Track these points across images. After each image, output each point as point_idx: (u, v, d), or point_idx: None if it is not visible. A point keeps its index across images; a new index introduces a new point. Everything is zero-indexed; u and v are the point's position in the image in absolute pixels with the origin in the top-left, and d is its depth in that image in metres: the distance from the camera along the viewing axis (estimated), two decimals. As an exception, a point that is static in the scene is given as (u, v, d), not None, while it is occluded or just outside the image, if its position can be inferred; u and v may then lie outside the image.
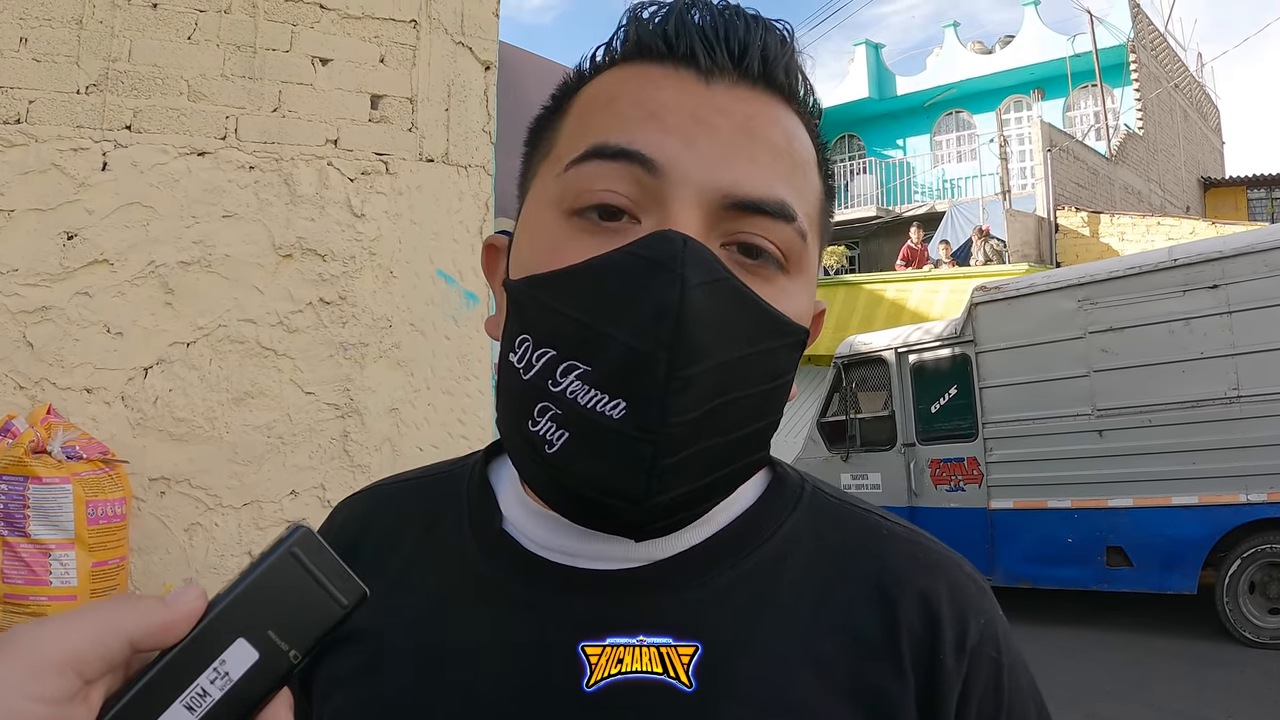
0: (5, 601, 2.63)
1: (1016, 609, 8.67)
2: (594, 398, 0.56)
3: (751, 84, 0.63)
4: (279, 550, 0.47)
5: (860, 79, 24.23)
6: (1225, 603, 7.19)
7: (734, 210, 0.60)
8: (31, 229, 2.87)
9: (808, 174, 0.66)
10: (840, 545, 0.68)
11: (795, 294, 0.63)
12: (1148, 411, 7.50)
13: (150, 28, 3.04)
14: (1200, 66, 24.29)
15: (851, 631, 0.63)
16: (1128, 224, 15.12)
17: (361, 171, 3.25)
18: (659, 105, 0.61)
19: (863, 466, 9.88)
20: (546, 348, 0.58)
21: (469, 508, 0.71)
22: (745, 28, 0.63)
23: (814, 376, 14.89)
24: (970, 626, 0.65)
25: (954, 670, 0.63)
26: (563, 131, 0.66)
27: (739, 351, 0.58)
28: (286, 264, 3.13)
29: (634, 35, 0.64)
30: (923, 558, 0.68)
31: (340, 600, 0.48)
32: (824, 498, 0.72)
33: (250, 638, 0.46)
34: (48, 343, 2.87)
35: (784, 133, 0.64)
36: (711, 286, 0.56)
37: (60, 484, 2.66)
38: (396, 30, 3.34)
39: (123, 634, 0.43)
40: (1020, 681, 0.67)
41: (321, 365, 3.16)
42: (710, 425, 0.57)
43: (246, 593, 0.46)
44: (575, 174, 0.61)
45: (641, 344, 0.54)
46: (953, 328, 9.26)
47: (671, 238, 0.56)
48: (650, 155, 0.59)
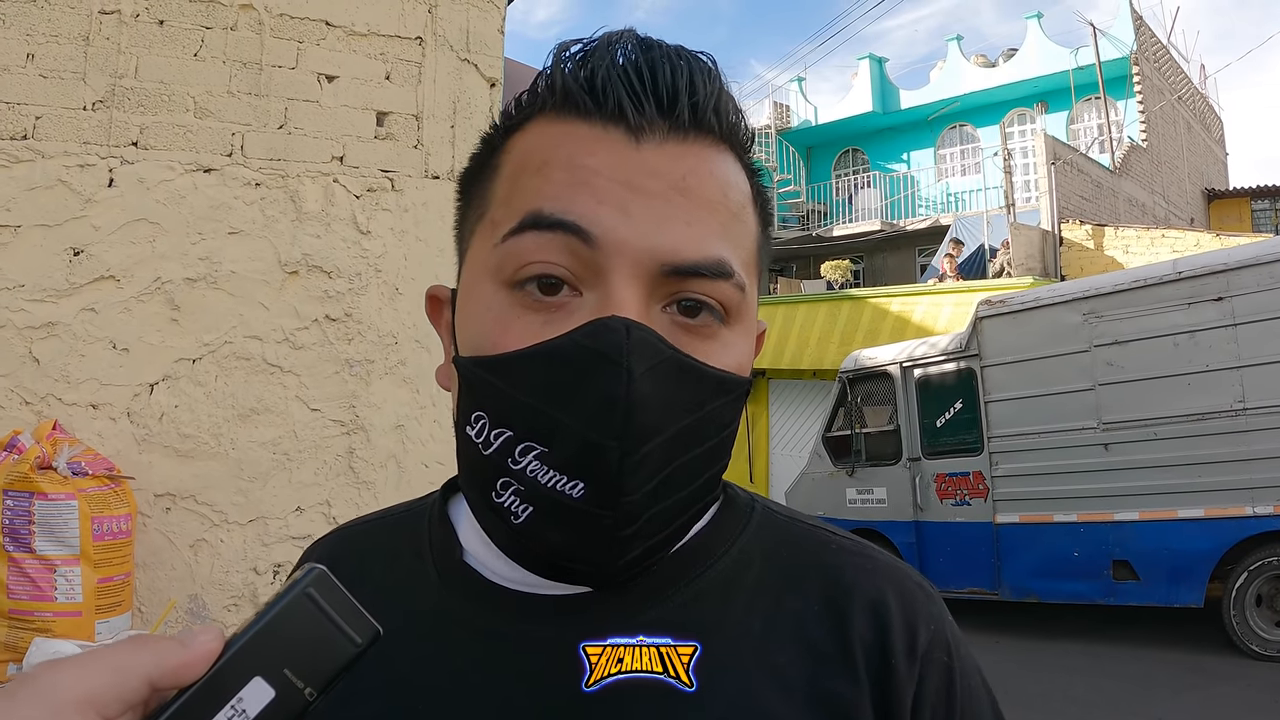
0: (10, 617, 2.63)
1: (1022, 623, 8.66)
2: (553, 478, 0.58)
3: (682, 135, 0.63)
4: (294, 591, 0.48)
5: (864, 93, 24.28)
6: (1232, 615, 7.16)
7: (672, 275, 0.61)
8: (38, 245, 2.88)
9: (744, 218, 0.66)
10: (790, 560, 0.70)
11: (735, 343, 0.65)
12: (1153, 425, 7.48)
13: (157, 45, 3.05)
14: (1203, 78, 24.32)
15: (806, 642, 0.65)
16: (1132, 237, 15.11)
17: (367, 188, 3.26)
18: (590, 172, 0.61)
19: (868, 481, 9.87)
20: (503, 428, 0.60)
21: (430, 543, 0.73)
22: (671, 71, 0.62)
23: (819, 391, 14.88)
24: (920, 632, 0.67)
25: (906, 675, 0.65)
26: (496, 193, 0.66)
27: (686, 420, 0.60)
28: (292, 281, 3.14)
29: (560, 85, 0.63)
30: (870, 569, 0.70)
31: (354, 639, 0.49)
32: (773, 515, 0.74)
33: (267, 676, 0.46)
34: (54, 358, 2.88)
35: (718, 183, 0.64)
36: (655, 369, 0.58)
37: (66, 500, 2.66)
38: (402, 47, 3.35)
39: (140, 674, 0.44)
40: (972, 684, 0.69)
41: (327, 382, 3.17)
42: (664, 490, 0.60)
43: (263, 632, 0.47)
44: (513, 245, 0.61)
45: (593, 434, 0.57)
46: (958, 342, 9.27)
47: (614, 327, 0.57)
48: (585, 227, 0.59)
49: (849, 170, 25.59)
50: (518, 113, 0.67)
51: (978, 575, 8.80)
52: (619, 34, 0.65)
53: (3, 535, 2.63)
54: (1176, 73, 21.98)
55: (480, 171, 0.70)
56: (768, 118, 25.46)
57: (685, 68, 0.63)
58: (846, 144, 25.73)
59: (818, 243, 23.25)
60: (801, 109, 25.68)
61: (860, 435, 10.07)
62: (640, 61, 0.62)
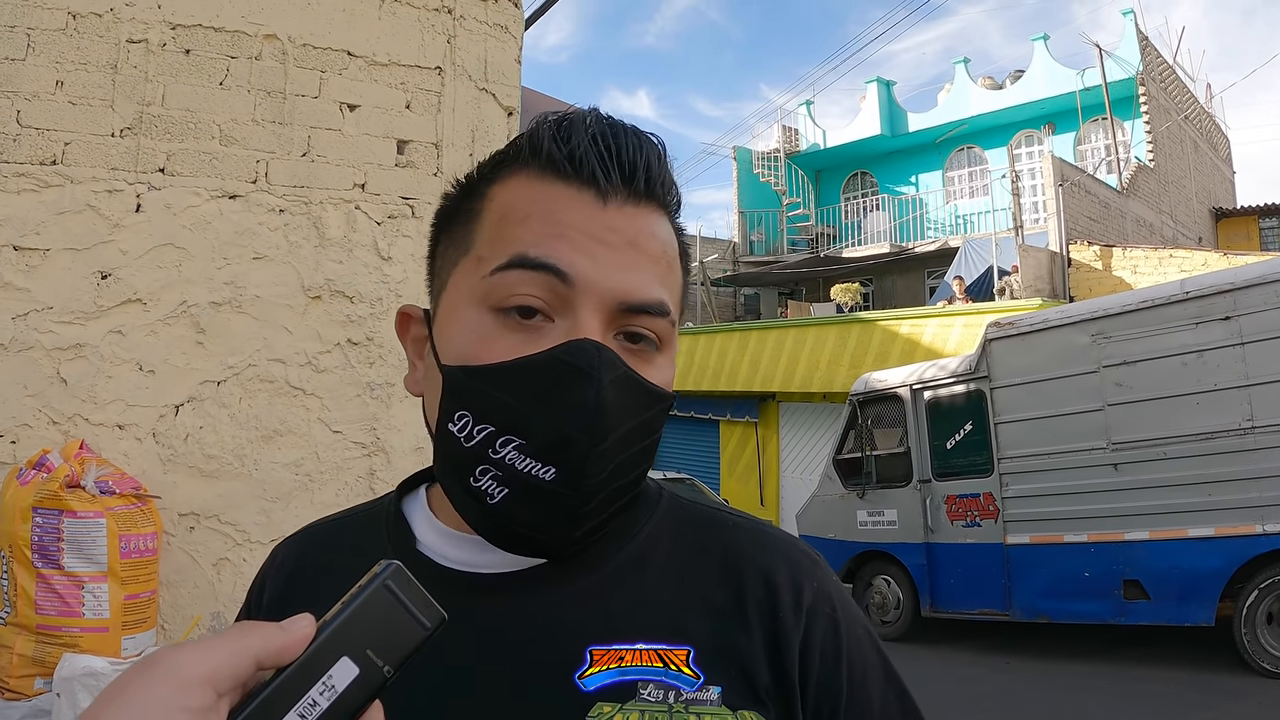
0: (38, 632, 2.68)
1: (1034, 644, 8.64)
2: (529, 465, 0.72)
3: (636, 201, 0.78)
4: (375, 583, 0.57)
5: (872, 116, 24.37)
6: (1243, 634, 7.13)
7: (626, 311, 0.76)
8: (66, 268, 2.95)
9: (674, 268, 0.82)
10: (693, 538, 0.85)
11: (665, 366, 0.81)
12: (1162, 444, 7.49)
13: (183, 73, 3.13)
14: (1209, 97, 24.35)
15: (708, 605, 0.79)
16: (1140, 257, 15.12)
17: (388, 215, 3.33)
18: (566, 226, 0.75)
19: (879, 503, 9.87)
20: (486, 424, 0.74)
21: (389, 535, 0.86)
22: (632, 149, 0.78)
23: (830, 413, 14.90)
24: (805, 590, 0.81)
25: (793, 626, 0.78)
26: (480, 234, 0.79)
27: (633, 423, 0.75)
28: (315, 305, 3.21)
29: (545, 150, 0.77)
30: (762, 542, 0.85)
31: (424, 623, 0.57)
32: (679, 501, 0.89)
33: (352, 656, 0.54)
34: (81, 379, 2.94)
35: (660, 241, 0.80)
36: (615, 380, 0.73)
37: (94, 518, 2.72)
38: (422, 77, 3.43)
39: (250, 655, 0.52)
40: (857, 632, 0.83)
41: (349, 404, 3.23)
42: (613, 476, 0.75)
43: (350, 619, 0.55)
44: (500, 279, 0.75)
45: (567, 429, 0.71)
46: (967, 364, 9.29)
47: (587, 348, 0.72)
48: (564, 269, 0.74)
49: (857, 193, 25.66)
50: (496, 168, 0.82)
51: (989, 596, 8.79)
52: (588, 112, 0.80)
53: (32, 552, 2.68)
54: (1183, 92, 22.02)
55: (458, 213, 0.84)
56: (776, 141, 25.59)
57: (643, 148, 0.79)
58: (855, 167, 25.81)
59: (827, 265, 23.30)
60: (810, 132, 25.80)
61: (871, 457, 10.08)
62: (609, 138, 0.77)
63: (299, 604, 0.79)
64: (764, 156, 25.44)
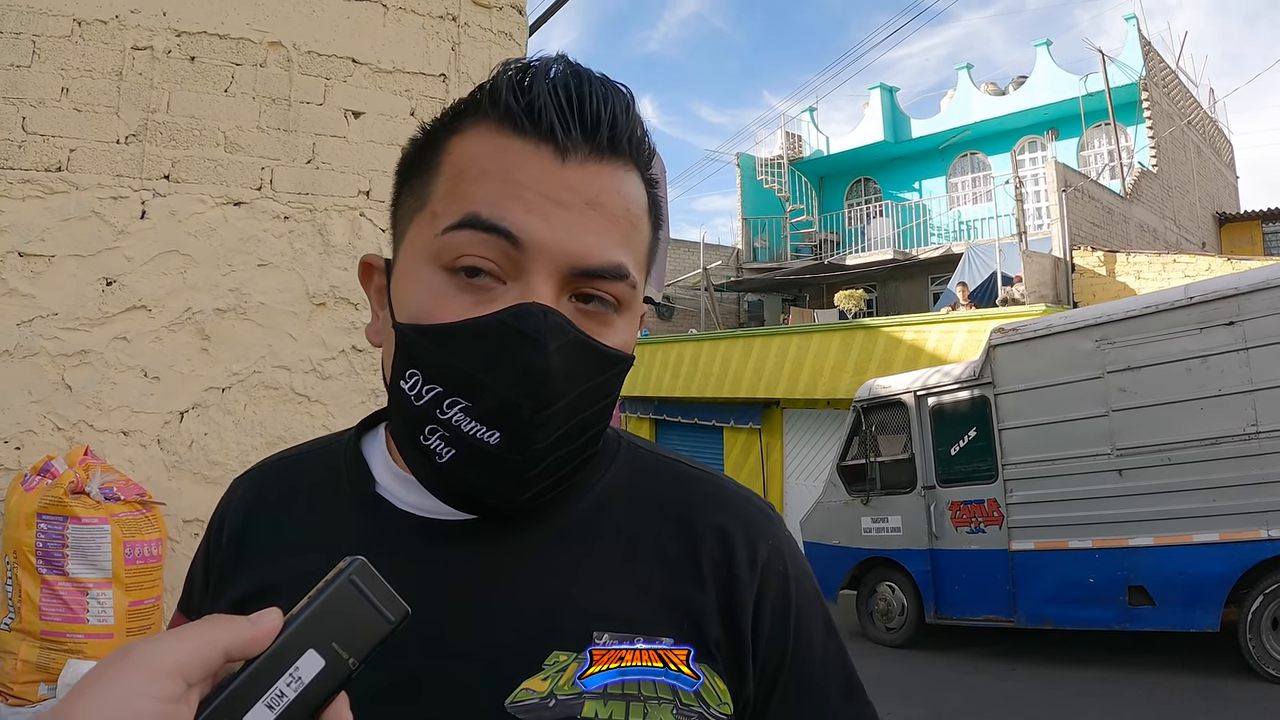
0: (43, 638, 2.68)
1: (1038, 650, 8.62)
2: (474, 428, 0.72)
3: (599, 158, 0.75)
4: (340, 577, 0.58)
5: (875, 123, 24.37)
6: (1248, 640, 7.11)
7: (580, 275, 0.74)
8: (71, 274, 2.95)
9: (640, 227, 0.79)
10: (649, 490, 0.85)
11: (623, 328, 0.78)
12: (1167, 450, 7.48)
13: (188, 80, 3.14)
14: (1212, 102, 24.34)
15: (662, 558, 0.80)
16: (1144, 262, 15.10)
17: (392, 221, 3.33)
18: (521, 185, 0.73)
19: (883, 509, 9.86)
20: (434, 384, 0.73)
21: (347, 476, 0.86)
22: (596, 100, 0.74)
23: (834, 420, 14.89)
24: (760, 547, 0.82)
25: (748, 582, 0.80)
26: (436, 189, 0.77)
27: (583, 387, 0.74)
28: (320, 312, 3.21)
29: (503, 102, 0.74)
30: (718, 496, 0.85)
31: (388, 617, 0.59)
32: (638, 451, 0.89)
33: (318, 648, 0.56)
34: (86, 385, 2.94)
35: (623, 200, 0.76)
36: (563, 346, 0.71)
37: (99, 524, 2.72)
38: (426, 84, 3.44)
39: (220, 646, 0.53)
40: (806, 588, 0.85)
41: (354, 411, 3.23)
42: (561, 440, 0.74)
43: (316, 612, 0.57)
44: (451, 239, 0.73)
45: (512, 394, 0.70)
46: (971, 370, 9.28)
47: (535, 312, 0.71)
48: (515, 232, 0.71)
49: (861, 199, 25.67)
50: (456, 118, 0.78)
51: (993, 603, 8.77)
52: (554, 59, 0.76)
53: (37, 558, 2.69)
54: (1186, 97, 22.02)
55: (419, 164, 0.81)
56: (780, 148, 25.59)
57: (609, 99, 0.75)
58: (858, 173, 25.81)
59: (830, 272, 23.30)
60: (813, 139, 25.81)
61: (875, 464, 10.06)
62: (571, 89, 0.74)
63: (257, 540, 0.86)
64: (767, 163, 25.44)
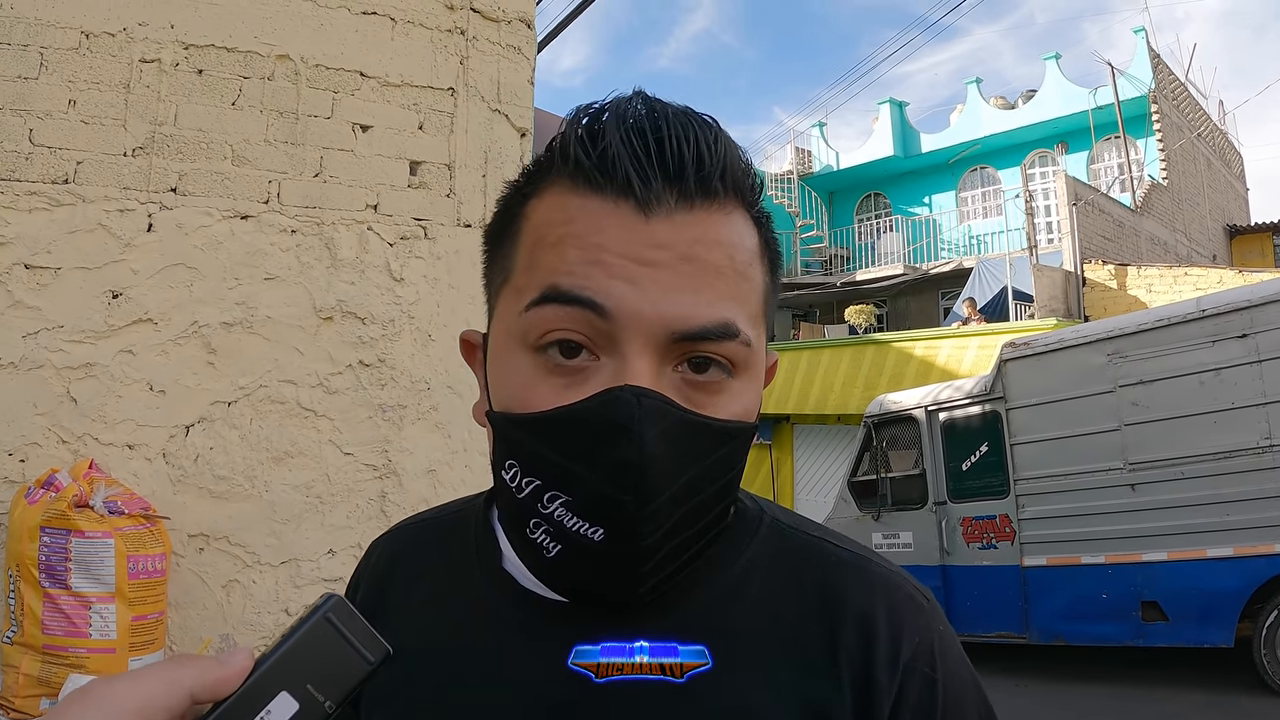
0: (45, 652, 2.66)
1: (1051, 667, 8.54)
2: (577, 524, 0.65)
3: (689, 205, 0.66)
4: (315, 615, 0.55)
5: (885, 137, 24.38)
6: (1263, 655, 7.04)
7: (682, 341, 0.66)
8: (78, 287, 2.94)
9: (750, 275, 0.70)
10: (792, 570, 0.75)
11: (742, 392, 0.70)
12: (1180, 464, 7.42)
13: (196, 93, 3.14)
14: (1222, 114, 24.28)
15: (800, 649, 0.71)
16: (1155, 275, 15.06)
17: (400, 236, 3.32)
18: (602, 249, 0.65)
19: (894, 526, 9.80)
20: (533, 477, 0.67)
21: (475, 549, 0.81)
22: (677, 141, 0.66)
23: (844, 436, 14.83)
24: (904, 644, 0.71)
25: (886, 686, 0.69)
26: (518, 259, 0.71)
27: (695, 470, 0.66)
28: (327, 326, 3.20)
29: (573, 158, 0.67)
30: (865, 580, 0.75)
31: (368, 658, 0.56)
32: (780, 527, 0.79)
33: (292, 690, 0.53)
34: (91, 399, 2.93)
35: (724, 248, 0.68)
36: (665, 432, 0.64)
37: (102, 538, 2.70)
38: (434, 98, 3.43)
39: (184, 687, 0.50)
40: (956, 692, 0.72)
41: (360, 426, 3.21)
42: (676, 529, 0.66)
43: (289, 652, 0.54)
44: (535, 316, 0.66)
45: (609, 490, 0.63)
46: (982, 384, 9.23)
47: (625, 399, 0.63)
48: (600, 301, 0.64)
49: (871, 214, 25.64)
50: (533, 179, 0.72)
51: (1006, 619, 8.70)
52: (627, 98, 0.69)
53: (39, 571, 2.67)
54: (1195, 110, 21.98)
55: (503, 232, 0.75)
56: (789, 163, 25.60)
57: (691, 137, 0.66)
58: (868, 188, 25.80)
59: (841, 288, 23.27)
60: (823, 154, 25.82)
61: (886, 480, 10.01)
62: (647, 132, 0.66)
63: (389, 608, 0.82)
64: (777, 178, 25.44)
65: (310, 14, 3.30)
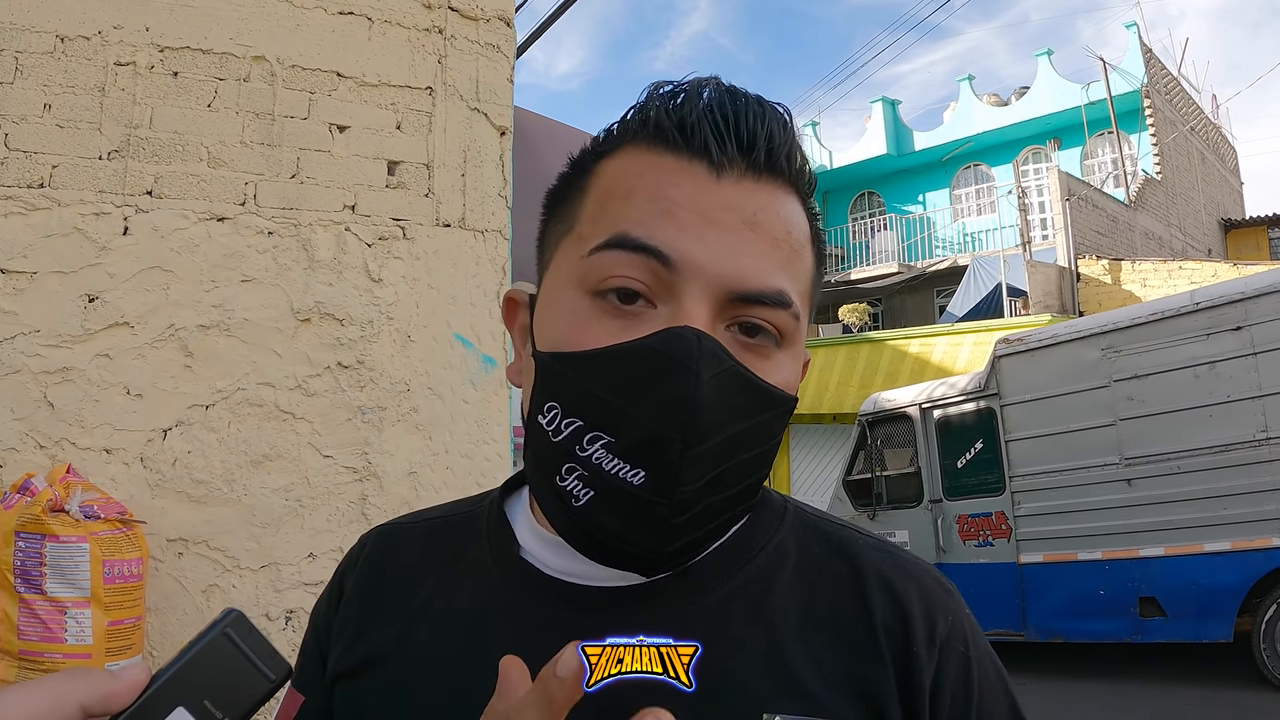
0: (20, 658, 2.64)
1: (1050, 665, 8.52)
2: (617, 466, 0.64)
3: (756, 176, 0.70)
4: (214, 630, 0.55)
5: (879, 136, 24.40)
6: (1262, 649, 7.03)
7: (738, 300, 0.68)
8: (53, 291, 2.92)
9: (802, 256, 0.74)
10: (822, 555, 0.77)
11: (786, 364, 0.72)
12: (1176, 458, 7.41)
13: (171, 95, 3.11)
14: (1215, 108, 24.31)
15: (837, 629, 0.72)
16: (1149, 270, 15.06)
17: (379, 237, 3.30)
18: (673, 203, 0.68)
19: (890, 524, 9.79)
20: (574, 418, 0.66)
21: (490, 540, 0.81)
22: (752, 117, 0.70)
23: (839, 435, 14.82)
24: (938, 623, 0.73)
25: (926, 661, 0.71)
26: (584, 211, 0.73)
27: (740, 426, 0.67)
28: (305, 328, 3.17)
29: (653, 120, 0.71)
30: (894, 564, 0.77)
31: (268, 675, 0.55)
32: (805, 515, 0.82)
33: (189, 706, 0.52)
34: (68, 403, 2.91)
35: (783, 222, 0.71)
36: (719, 377, 0.65)
37: (77, 543, 2.68)
38: (412, 97, 3.41)
39: (75, 701, 0.49)
40: (989, 673, 0.75)
41: (340, 429, 3.19)
42: (713, 486, 0.66)
43: (185, 667, 0.53)
44: (598, 260, 0.68)
45: (660, 428, 0.63)
46: (976, 381, 9.23)
47: (686, 336, 0.64)
48: (666, 251, 0.66)
49: (865, 213, 25.65)
50: (608, 140, 0.75)
51: (1003, 616, 8.68)
52: (707, 79, 0.72)
53: (14, 576, 2.64)
54: (1188, 104, 22.00)
55: (567, 190, 0.77)
56: (783, 162, 25.58)
57: (765, 115, 0.71)
58: (862, 187, 25.82)
59: (836, 287, 23.27)
60: (816, 153, 25.83)
61: (881, 478, 10.02)
62: (726, 105, 0.70)
63: (386, 603, 0.81)
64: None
65: (286, 15, 3.28)
